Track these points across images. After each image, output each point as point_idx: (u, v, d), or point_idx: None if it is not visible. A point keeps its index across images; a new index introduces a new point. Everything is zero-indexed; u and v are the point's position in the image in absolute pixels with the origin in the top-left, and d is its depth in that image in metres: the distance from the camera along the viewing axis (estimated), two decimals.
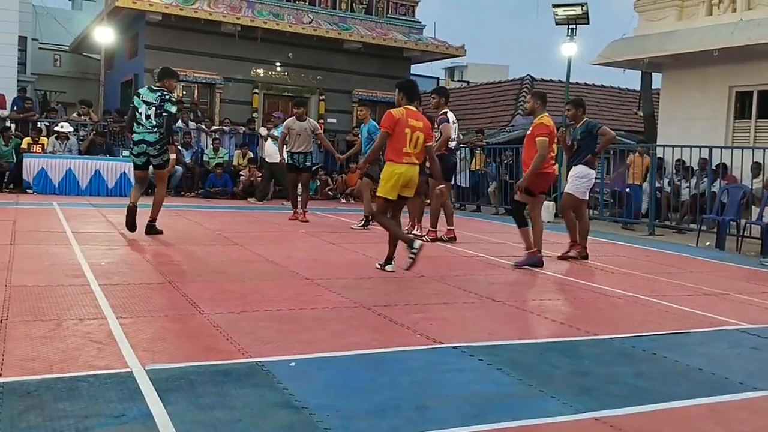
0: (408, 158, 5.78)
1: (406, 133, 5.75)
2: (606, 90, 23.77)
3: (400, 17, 18.86)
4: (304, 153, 9.81)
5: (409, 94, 6.02)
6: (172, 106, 7.19)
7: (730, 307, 5.26)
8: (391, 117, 5.75)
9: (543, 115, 6.82)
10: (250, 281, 5.21)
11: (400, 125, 5.74)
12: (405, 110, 5.83)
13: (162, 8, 15.42)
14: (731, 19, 12.24)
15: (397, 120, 5.74)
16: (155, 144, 7.13)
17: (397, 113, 5.78)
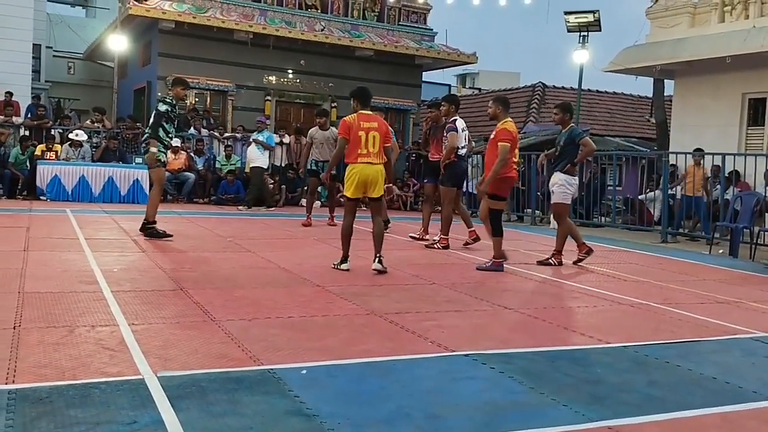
0: (363, 158, 6.08)
1: (360, 136, 6.08)
2: (618, 97, 23.70)
3: (412, 25, 18.91)
4: (327, 161, 9.86)
5: (361, 100, 6.35)
6: (161, 105, 7.70)
7: (744, 316, 5.21)
8: (344, 124, 6.17)
9: (506, 121, 6.95)
10: (261, 288, 5.22)
11: (354, 129, 6.10)
12: (357, 115, 6.19)
13: (175, 16, 15.54)
14: (744, 26, 12.19)
15: (350, 125, 6.12)
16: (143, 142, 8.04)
17: (350, 119, 6.17)
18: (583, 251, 7.41)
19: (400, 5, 18.69)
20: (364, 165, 6.10)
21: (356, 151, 6.09)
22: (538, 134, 17.18)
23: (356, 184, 6.13)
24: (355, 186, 6.14)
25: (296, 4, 17.39)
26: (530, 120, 20.27)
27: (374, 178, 6.15)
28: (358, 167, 6.11)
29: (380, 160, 6.19)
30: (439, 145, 8.75)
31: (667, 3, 13.75)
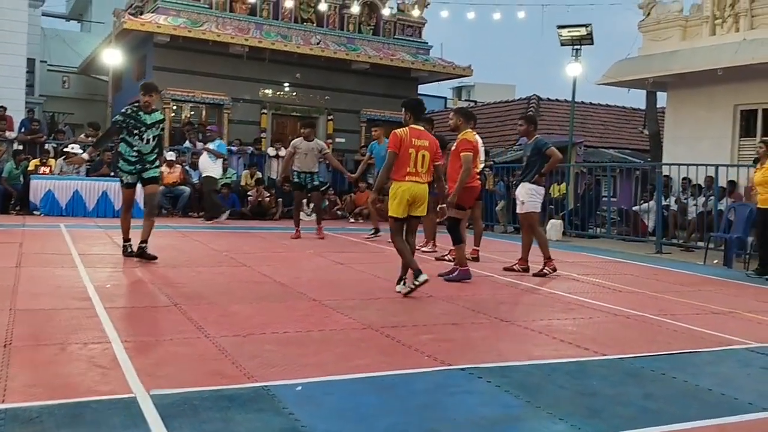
0: (411, 177, 5.80)
1: (410, 153, 5.78)
2: (611, 109, 23.82)
3: (408, 38, 19.02)
4: (311, 173, 9.96)
5: (415, 113, 6.05)
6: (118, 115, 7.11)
7: (739, 326, 5.21)
8: (395, 137, 5.81)
9: (467, 131, 7.04)
10: (256, 303, 5.20)
11: (405, 145, 5.77)
12: (409, 130, 5.87)
13: (170, 30, 15.58)
14: (734, 38, 12.28)
15: (401, 139, 5.78)
16: None
17: (401, 133, 5.83)
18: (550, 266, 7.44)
19: (395, 19, 18.81)
20: (412, 183, 5.80)
21: (405, 168, 5.78)
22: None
23: (404, 203, 5.81)
24: (403, 205, 5.81)
25: (292, 18, 17.48)
26: None
27: (422, 196, 5.87)
28: (405, 185, 5.79)
29: (428, 179, 5.95)
30: None
31: (659, 16, 13.85)
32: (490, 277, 7.27)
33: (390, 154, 5.83)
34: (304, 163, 9.91)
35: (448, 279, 6.80)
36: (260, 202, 13.95)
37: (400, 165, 5.79)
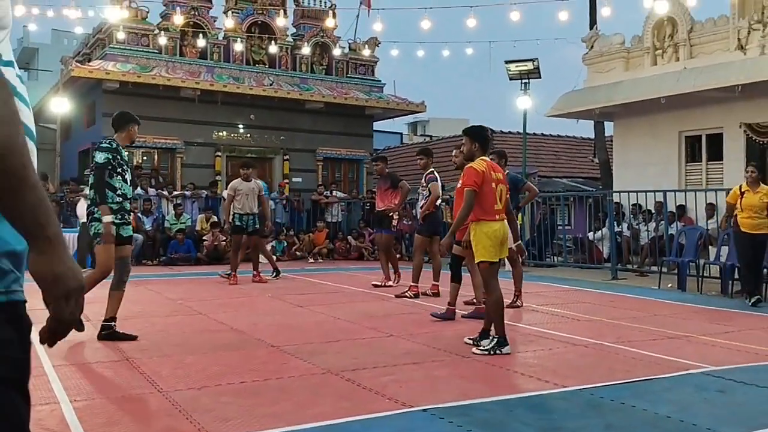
0: (499, 215, 5.32)
1: (492, 188, 5.27)
2: (562, 139, 24.37)
3: (360, 77, 19.23)
4: (252, 214, 9.87)
5: (483, 143, 5.51)
6: (99, 153, 5.42)
7: (695, 350, 5.30)
8: (475, 172, 5.25)
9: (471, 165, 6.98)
10: (212, 353, 5.08)
11: (487, 180, 5.25)
12: (487, 163, 5.37)
13: (119, 76, 15.45)
14: (675, 67, 12.75)
15: (483, 174, 5.24)
16: (87, 214, 5.56)
17: (480, 167, 5.28)
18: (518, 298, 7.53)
19: (347, 58, 19.02)
20: (501, 222, 5.32)
21: (493, 206, 5.26)
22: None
23: (497, 245, 5.25)
24: (496, 247, 5.24)
25: (243, 60, 17.53)
26: None
27: (507, 235, 5.41)
28: (496, 225, 5.26)
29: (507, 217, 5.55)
30: (383, 195, 9.38)
31: (602, 49, 14.31)
32: None
33: (469, 192, 5.22)
34: (245, 204, 9.82)
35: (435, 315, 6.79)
36: (216, 246, 13.76)
37: (488, 202, 5.26)
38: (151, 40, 16.49)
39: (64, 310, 1.14)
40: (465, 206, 5.25)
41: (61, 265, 1.12)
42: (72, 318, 1.16)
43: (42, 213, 1.08)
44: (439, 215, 8.93)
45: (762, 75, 10.94)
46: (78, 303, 1.16)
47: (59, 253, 1.12)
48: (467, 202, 5.22)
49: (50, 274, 1.11)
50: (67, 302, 1.14)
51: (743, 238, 8.19)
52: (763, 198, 8.07)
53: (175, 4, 16.57)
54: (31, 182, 1.06)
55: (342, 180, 18.64)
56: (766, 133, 11.70)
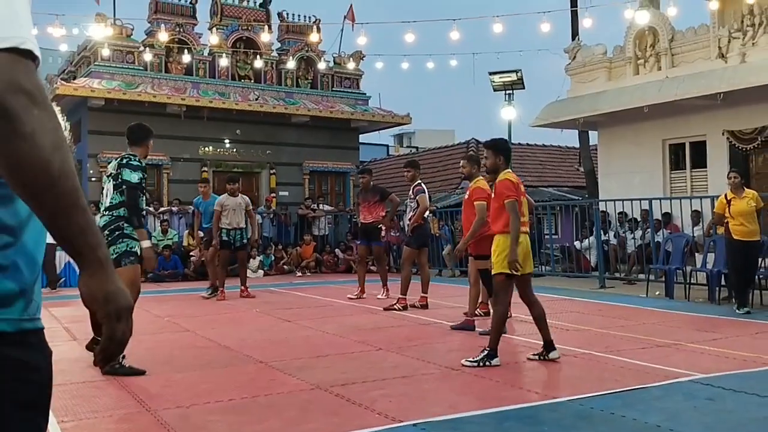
0: (525, 227, 5.33)
1: (522, 201, 5.32)
2: (548, 149, 24.53)
3: (346, 90, 19.28)
4: (239, 229, 9.81)
5: (507, 156, 5.50)
6: (132, 172, 5.06)
7: (683, 358, 5.32)
8: (511, 184, 5.26)
9: (479, 179, 7.00)
10: (200, 370, 5.04)
11: (519, 192, 5.27)
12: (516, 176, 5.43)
13: (104, 93, 15.40)
14: (657, 77, 12.89)
15: (517, 185, 5.28)
16: (104, 230, 4.96)
17: (514, 178, 5.33)
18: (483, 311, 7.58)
19: (332, 72, 19.07)
20: (526, 235, 5.30)
21: (522, 218, 5.25)
22: None
23: (523, 258, 5.19)
24: (523, 259, 5.19)
25: (229, 75, 17.53)
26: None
27: (530, 250, 5.37)
28: (523, 237, 5.24)
29: None
30: (370, 208, 9.33)
31: (585, 59, 14.45)
32: (440, 324, 7.26)
33: (512, 203, 5.17)
34: (232, 219, 9.75)
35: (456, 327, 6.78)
36: (204, 262, 13.67)
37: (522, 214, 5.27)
38: (136, 57, 16.46)
39: (117, 329, 1.18)
40: (513, 216, 5.16)
41: (111, 285, 1.17)
42: (124, 337, 1.20)
43: (92, 234, 1.13)
44: (427, 227, 8.95)
45: (743, 82, 11.09)
46: (129, 322, 1.20)
47: (109, 274, 1.17)
48: (514, 212, 5.15)
49: (102, 294, 1.16)
50: (119, 321, 1.18)
51: (735, 245, 8.03)
52: (750, 203, 7.93)
53: (159, 21, 16.57)
54: (82, 205, 1.11)
55: (329, 193, 18.63)
56: (748, 140, 11.83)
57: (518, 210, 5.16)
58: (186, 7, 17.10)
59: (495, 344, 5.10)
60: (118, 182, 5.07)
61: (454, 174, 21.94)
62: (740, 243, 7.95)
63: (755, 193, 8.12)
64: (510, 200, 5.16)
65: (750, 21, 11.63)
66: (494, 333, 5.16)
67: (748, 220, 7.92)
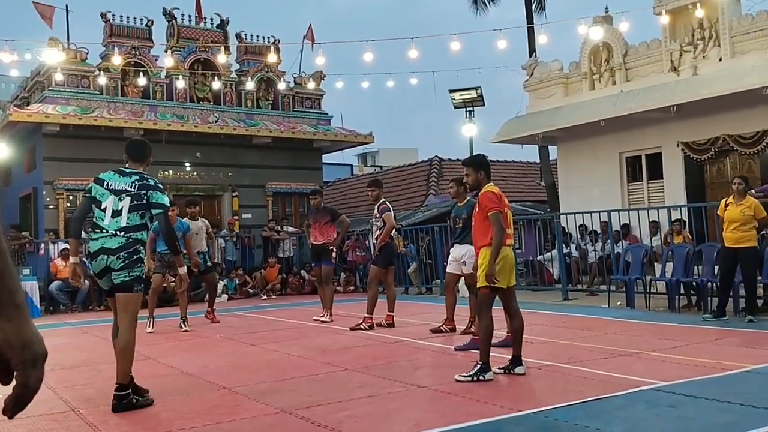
0: (509, 240, 5.26)
1: (506, 213, 5.28)
2: (509, 165, 24.85)
3: (307, 110, 19.27)
4: (201, 253, 9.67)
5: (487, 170, 5.49)
6: (163, 195, 4.85)
7: (645, 367, 5.38)
8: (494, 196, 5.24)
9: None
10: (161, 398, 4.92)
11: (503, 203, 5.23)
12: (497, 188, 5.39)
13: (59, 119, 15.12)
14: (612, 91, 13.19)
15: (500, 196, 5.25)
16: (118, 252, 4.65)
17: (497, 189, 5.32)
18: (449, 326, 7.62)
19: (293, 93, 19.06)
20: (510, 248, 5.24)
21: (506, 230, 5.19)
22: (439, 206, 17.64)
23: (507, 271, 5.18)
24: (506, 273, 5.16)
25: (187, 98, 17.38)
26: (431, 193, 20.84)
27: (513, 263, 5.35)
28: (507, 250, 5.19)
29: None
30: (321, 229, 9.31)
31: (542, 76, 14.72)
32: (405, 341, 7.24)
33: (496, 215, 5.13)
34: (195, 243, 9.57)
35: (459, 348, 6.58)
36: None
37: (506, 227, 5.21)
38: (91, 81, 16.23)
39: (32, 376, 1.15)
40: (497, 228, 5.10)
41: (28, 331, 1.14)
42: (38, 385, 1.16)
43: (9, 278, 1.10)
44: (394, 246, 8.93)
45: (695, 95, 11.41)
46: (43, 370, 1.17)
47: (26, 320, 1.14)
48: (498, 223, 5.09)
49: (19, 340, 1.12)
50: (34, 368, 1.15)
51: (723, 251, 8.04)
52: (745, 211, 7.79)
53: (114, 44, 16.38)
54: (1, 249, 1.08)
55: (293, 214, 18.52)
56: (702, 151, 12.14)
57: (503, 222, 5.14)
58: (142, 29, 16.95)
59: (486, 358, 5.11)
60: (142, 203, 4.73)
61: (418, 192, 22.07)
62: (730, 251, 7.91)
63: (756, 202, 7.89)
64: (493, 212, 5.15)
65: (700, 35, 11.99)
66: (483, 346, 5.16)
67: (740, 228, 7.79)
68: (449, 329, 7.65)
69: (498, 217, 5.12)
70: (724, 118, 11.63)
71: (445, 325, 7.71)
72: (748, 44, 11.36)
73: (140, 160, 5.03)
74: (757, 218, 7.82)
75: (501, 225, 5.10)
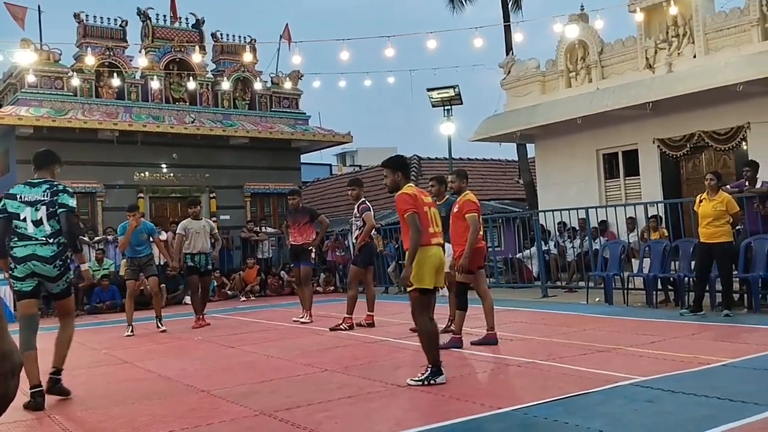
0: (436, 238, 5.15)
1: (426, 212, 5.15)
2: (488, 163, 24.92)
3: (285, 110, 19.16)
4: (205, 253, 9.54)
5: (405, 171, 5.39)
6: (69, 197, 5.12)
7: (623, 362, 5.42)
8: (407, 197, 5.11)
9: (467, 193, 6.85)
10: (138, 402, 4.86)
11: (419, 202, 5.12)
12: (416, 189, 5.26)
13: (33, 121, 14.89)
14: (588, 88, 13.27)
15: (415, 196, 5.11)
16: (53, 260, 4.91)
17: (411, 190, 5.17)
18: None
19: (270, 92, 18.94)
20: (437, 248, 5.12)
21: (428, 229, 5.06)
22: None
23: (434, 271, 5.06)
24: (434, 273, 5.05)
25: (163, 98, 17.20)
26: None
27: (443, 263, 5.22)
28: (432, 249, 5.07)
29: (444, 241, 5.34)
30: (300, 229, 9.27)
31: (519, 74, 14.77)
32: (385, 341, 7.22)
33: (411, 216, 5.02)
34: (196, 243, 9.44)
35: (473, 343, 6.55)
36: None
37: (425, 227, 5.07)
38: (65, 82, 16.00)
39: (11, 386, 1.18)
40: (413, 230, 4.99)
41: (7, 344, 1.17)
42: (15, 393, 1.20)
43: None
44: (373, 245, 8.90)
45: (670, 92, 11.51)
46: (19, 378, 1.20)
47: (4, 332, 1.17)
48: (414, 225, 4.98)
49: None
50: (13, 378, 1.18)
51: (698, 247, 8.18)
52: (717, 206, 7.87)
53: (88, 45, 16.15)
54: None
55: (271, 215, 18.42)
56: (678, 147, 12.27)
57: (419, 222, 5.01)
58: (116, 29, 16.74)
59: (435, 360, 4.99)
60: (54, 209, 4.98)
61: None
62: (705, 246, 8.01)
63: (728, 197, 7.96)
64: (408, 213, 5.03)
65: (674, 32, 12.10)
66: (428, 348, 5.03)
67: (713, 223, 7.88)
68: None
69: (413, 218, 5.00)
70: (699, 114, 11.76)
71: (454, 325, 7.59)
72: (722, 41, 11.49)
73: (46, 168, 5.25)
74: (729, 213, 7.90)
75: (417, 227, 4.97)
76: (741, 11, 11.29)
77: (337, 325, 8.26)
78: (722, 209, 7.87)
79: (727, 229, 7.95)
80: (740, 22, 11.26)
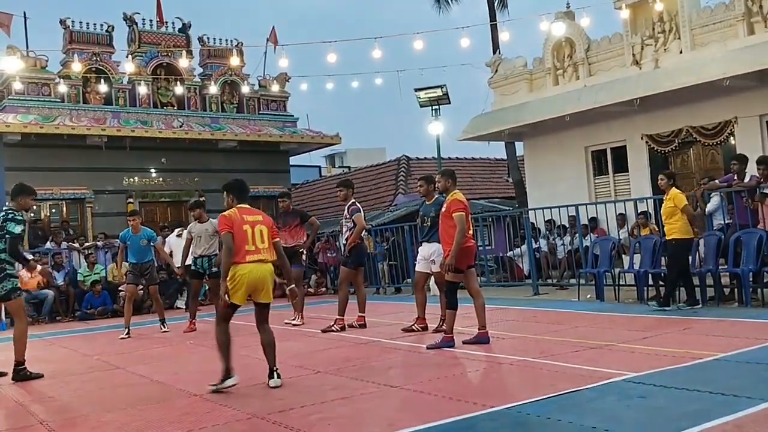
0: (252, 256, 5.27)
1: (245, 230, 5.28)
2: (477, 162, 24.98)
3: (273, 112, 19.14)
4: (208, 256, 9.32)
5: (238, 194, 5.58)
6: (16, 225, 6.25)
7: (615, 358, 5.44)
8: (224, 218, 5.34)
9: (455, 192, 6.83)
10: (131, 408, 4.83)
11: (237, 223, 5.28)
12: (237, 209, 5.42)
13: (20, 128, 14.82)
14: (576, 86, 13.32)
15: (231, 218, 5.30)
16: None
17: (229, 213, 5.38)
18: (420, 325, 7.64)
19: (258, 95, 18.92)
20: (254, 265, 5.25)
21: (243, 248, 5.22)
22: (408, 205, 17.66)
23: (244, 288, 5.22)
24: (243, 290, 5.22)
25: (150, 103, 17.15)
26: (399, 192, 20.85)
27: (264, 279, 5.31)
28: (247, 267, 5.22)
29: (272, 258, 5.43)
30: (291, 232, 9.21)
31: (506, 72, 14.81)
32: (377, 342, 7.22)
33: (226, 236, 5.27)
34: (199, 245, 9.29)
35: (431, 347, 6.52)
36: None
37: (238, 245, 5.23)
38: (52, 88, 15.93)
39: None
40: (225, 249, 5.30)
41: None
42: None
43: None
44: (364, 246, 8.89)
45: (657, 88, 11.57)
46: None
47: None
48: (225, 245, 5.28)
49: None
50: None
51: (666, 245, 8.52)
52: (668, 204, 8.23)
53: (75, 51, 16.10)
54: None
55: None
56: (666, 143, 12.33)
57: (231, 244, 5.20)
58: (102, 35, 16.68)
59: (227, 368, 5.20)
60: (2, 233, 6.27)
61: (387, 192, 22.05)
62: (667, 243, 8.37)
63: (676, 192, 8.24)
64: (224, 233, 5.26)
65: (661, 28, 12.16)
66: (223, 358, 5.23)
67: (667, 221, 8.27)
68: (421, 328, 7.64)
69: (228, 237, 5.22)
70: (687, 109, 11.82)
71: (417, 324, 7.71)
72: (708, 36, 11.56)
73: (13, 199, 6.49)
74: (679, 208, 8.13)
75: (230, 247, 5.21)
76: (726, 6, 11.36)
77: (329, 327, 8.25)
78: (672, 206, 8.19)
79: (679, 226, 8.18)
80: (726, 17, 11.34)
